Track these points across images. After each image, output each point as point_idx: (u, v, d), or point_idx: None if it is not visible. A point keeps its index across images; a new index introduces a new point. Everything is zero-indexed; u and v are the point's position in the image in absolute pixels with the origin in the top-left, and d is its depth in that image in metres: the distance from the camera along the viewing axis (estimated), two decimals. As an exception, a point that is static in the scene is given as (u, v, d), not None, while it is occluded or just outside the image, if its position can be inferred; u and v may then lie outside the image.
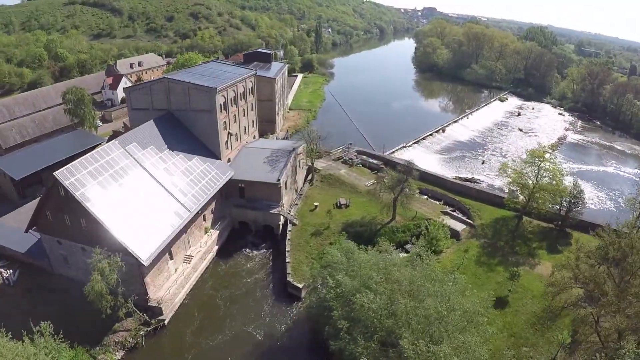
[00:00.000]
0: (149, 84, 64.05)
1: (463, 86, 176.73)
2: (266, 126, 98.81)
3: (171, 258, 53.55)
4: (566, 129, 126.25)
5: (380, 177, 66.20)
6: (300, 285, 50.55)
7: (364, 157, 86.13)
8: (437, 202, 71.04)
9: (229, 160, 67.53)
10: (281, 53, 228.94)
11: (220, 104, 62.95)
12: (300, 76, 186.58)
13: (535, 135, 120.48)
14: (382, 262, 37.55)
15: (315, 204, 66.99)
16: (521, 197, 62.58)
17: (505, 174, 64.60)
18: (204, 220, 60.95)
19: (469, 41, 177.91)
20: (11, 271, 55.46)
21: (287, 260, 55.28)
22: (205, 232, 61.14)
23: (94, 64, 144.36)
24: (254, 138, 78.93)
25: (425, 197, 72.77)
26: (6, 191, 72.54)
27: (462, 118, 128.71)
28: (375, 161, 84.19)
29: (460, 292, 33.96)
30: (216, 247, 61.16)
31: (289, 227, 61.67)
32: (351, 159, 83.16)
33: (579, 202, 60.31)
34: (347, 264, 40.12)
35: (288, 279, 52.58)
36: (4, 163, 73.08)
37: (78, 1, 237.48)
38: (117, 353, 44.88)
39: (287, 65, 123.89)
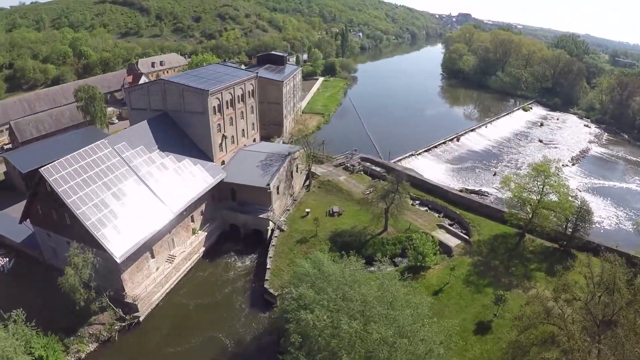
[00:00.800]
0: (146, 85, 65.10)
1: (488, 94, 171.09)
2: (273, 129, 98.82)
3: (152, 257, 53.96)
4: (590, 142, 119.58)
5: (372, 186, 64.36)
6: (276, 293, 49.62)
7: (368, 164, 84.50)
8: (437, 215, 68.49)
9: (223, 163, 67.58)
10: (304, 56, 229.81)
11: (214, 106, 63.07)
12: (320, 79, 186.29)
13: (556, 147, 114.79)
14: (348, 277, 35.99)
15: (307, 210, 65.97)
16: (523, 213, 59.24)
17: (507, 188, 61.36)
18: (192, 221, 61.12)
19: (496, 48, 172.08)
20: (7, 259, 57.76)
21: (268, 267, 54.52)
22: (193, 233, 61.29)
23: (116, 62, 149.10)
24: (254, 141, 78.76)
25: (425, 208, 70.46)
26: (16, 183, 75.53)
27: (479, 127, 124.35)
28: (378, 169, 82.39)
29: (422, 317, 31.73)
30: (203, 249, 61.22)
31: (276, 233, 60.93)
32: (353, 165, 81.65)
33: (586, 221, 56.48)
34: (314, 277, 38.84)
35: (265, 286, 51.80)
36: (15, 156, 76.20)
37: (108, 0, 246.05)
38: (90, 345, 46.11)
39: (300, 68, 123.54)
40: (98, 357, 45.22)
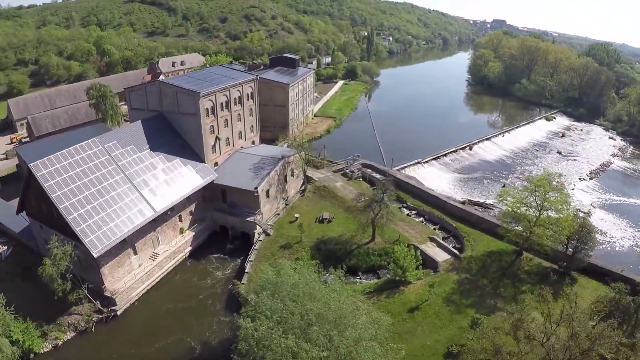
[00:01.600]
0: (144, 85, 66.27)
1: (512, 102, 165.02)
2: (279, 132, 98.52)
3: (135, 253, 54.87)
4: (613, 155, 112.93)
5: (361, 194, 62.90)
6: (249, 298, 49.14)
7: (369, 170, 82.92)
8: (433, 226, 66.12)
9: (216, 164, 67.88)
10: (327, 59, 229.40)
11: (207, 108, 63.48)
12: (340, 83, 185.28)
13: (575, 160, 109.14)
14: (301, 288, 34.97)
15: (296, 215, 65.28)
16: (521, 229, 56.11)
17: (504, 202, 58.36)
18: (180, 220, 61.68)
19: (522, 55, 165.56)
20: (6, 248, 60.24)
21: (246, 271, 54.19)
22: (181, 232, 61.82)
23: (138, 60, 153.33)
24: (253, 143, 78.77)
25: (421, 219, 68.25)
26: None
27: (496, 135, 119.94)
28: (378, 176, 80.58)
29: (366, 339, 30.17)
30: (189, 249, 61.66)
31: (261, 237, 60.56)
32: (352, 171, 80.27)
33: (587, 241, 52.48)
34: (275, 285, 38.06)
35: (239, 290, 51.48)
36: (24, 149, 79.10)
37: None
38: (68, 333, 47.88)
39: (312, 72, 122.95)
40: (74, 345, 46.79)
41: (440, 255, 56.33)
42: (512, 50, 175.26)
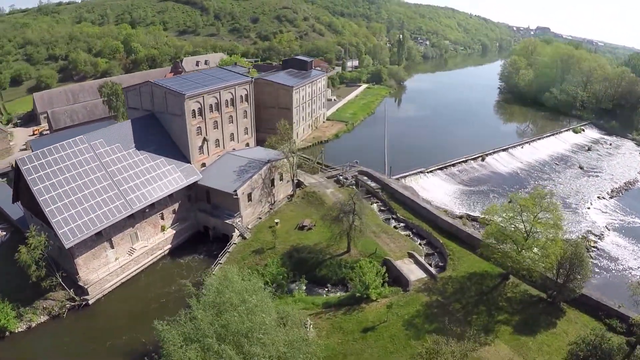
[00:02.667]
0: (138, 86, 67.96)
1: (542, 112, 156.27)
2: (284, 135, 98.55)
3: (112, 247, 56.51)
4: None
5: (338, 202, 61.26)
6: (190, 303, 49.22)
7: (365, 178, 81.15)
8: (420, 241, 63.49)
9: (204, 165, 68.66)
10: (355, 62, 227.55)
11: (193, 110, 64.26)
12: (363, 87, 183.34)
13: (597, 176, 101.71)
14: (235, 301, 34.39)
15: (276, 220, 64.76)
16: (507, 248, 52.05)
17: (489, 221, 54.64)
18: (162, 218, 62.82)
19: (555, 63, 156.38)
20: (5, 234, 63.86)
21: (213, 273, 54.18)
22: (162, 230, 62.94)
23: (163, 59, 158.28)
24: (247, 145, 79.03)
25: (408, 232, 65.75)
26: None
27: (514, 146, 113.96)
28: (373, 184, 78.84)
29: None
30: (169, 246, 62.72)
31: (237, 240, 60.57)
32: (346, 178, 78.78)
33: (578, 271, 46.69)
34: (216, 293, 37.77)
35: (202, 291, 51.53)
36: (36, 142, 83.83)
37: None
38: (42, 317, 50.61)
39: (325, 75, 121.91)
40: (45, 328, 49.56)
41: (414, 274, 53.64)
42: (545, 57, 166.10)
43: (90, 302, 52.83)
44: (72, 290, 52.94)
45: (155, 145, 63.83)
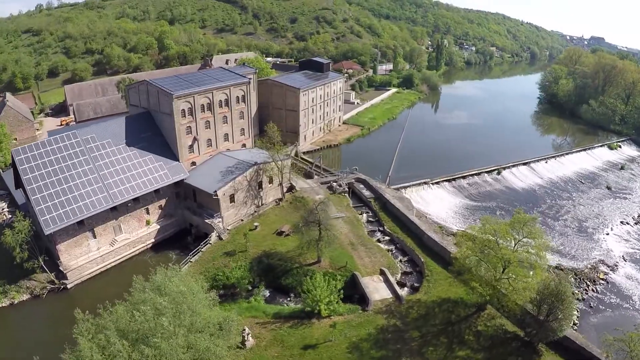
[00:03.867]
0: (137, 84, 70.03)
1: (579, 125, 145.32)
2: (291, 137, 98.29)
3: (94, 237, 58.54)
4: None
5: (310, 210, 59.59)
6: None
7: (362, 186, 78.87)
8: (402, 257, 60.19)
9: (194, 164, 69.60)
10: (388, 66, 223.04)
11: (183, 109, 65.22)
12: (392, 91, 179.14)
13: (625, 198, 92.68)
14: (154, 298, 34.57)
15: (256, 224, 64.40)
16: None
17: (463, 245, 49.49)
18: (148, 213, 64.33)
19: (596, 73, 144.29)
20: (10, 216, 68.35)
21: (181, 271, 54.69)
22: (148, 224, 64.49)
23: (195, 56, 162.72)
24: (244, 146, 79.23)
25: (392, 247, 62.82)
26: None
27: (536, 161, 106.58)
28: (367, 193, 76.41)
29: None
30: (152, 241, 64.14)
31: (212, 240, 60.83)
32: (340, 185, 76.96)
33: (558, 311, 41.14)
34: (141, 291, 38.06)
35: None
36: (52, 133, 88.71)
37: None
38: (24, 295, 53.84)
39: (343, 77, 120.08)
40: (25, 306, 52.69)
41: (380, 293, 50.85)
42: (587, 67, 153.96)
43: (68, 286, 55.33)
44: (53, 274, 55.62)
45: (146, 142, 65.47)
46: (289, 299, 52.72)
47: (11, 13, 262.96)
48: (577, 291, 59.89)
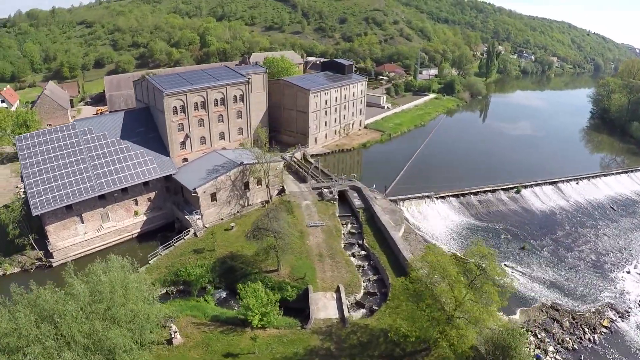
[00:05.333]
0: (141, 80, 72.35)
1: (630, 145, 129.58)
2: (300, 138, 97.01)
3: (82, 222, 61.40)
4: None
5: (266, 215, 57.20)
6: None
7: (355, 194, 75.60)
8: (373, 276, 56.22)
9: (186, 160, 70.69)
10: (434, 70, 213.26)
11: (176, 107, 66.25)
12: (430, 96, 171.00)
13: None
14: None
15: (232, 224, 63.94)
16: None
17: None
18: (136, 204, 66.34)
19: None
20: (23, 197, 73.98)
21: (149, 262, 56.08)
22: (136, 214, 66.58)
23: (234, 53, 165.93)
24: (241, 145, 79.12)
25: (367, 263, 59.24)
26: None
27: (565, 181, 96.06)
28: (357, 202, 73.10)
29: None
30: (138, 231, 66.09)
31: (188, 236, 61.33)
32: (331, 192, 74.28)
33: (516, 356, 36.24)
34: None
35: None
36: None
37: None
38: (15, 268, 57.97)
39: (365, 81, 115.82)
40: (15, 277, 55.58)
41: (326, 312, 47.69)
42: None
43: (54, 264, 58.34)
44: (42, 252, 59.30)
45: (140, 136, 67.49)
46: (241, 303, 51.59)
47: (72, 4, 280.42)
48: (568, 338, 52.79)
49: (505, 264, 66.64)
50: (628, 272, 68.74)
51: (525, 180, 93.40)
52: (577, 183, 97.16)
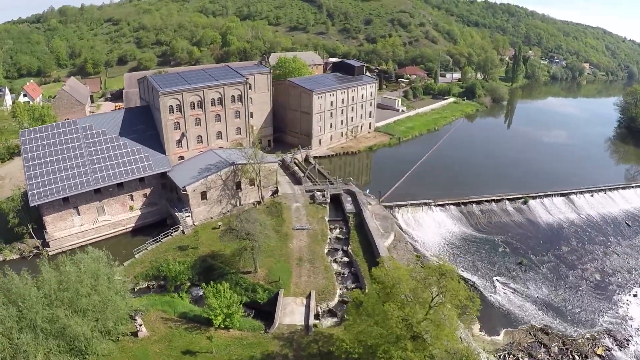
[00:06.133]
0: (144, 79, 73.41)
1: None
2: (304, 139, 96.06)
3: (78, 214, 63.08)
4: None
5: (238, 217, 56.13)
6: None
7: (349, 199, 73.89)
8: (353, 285, 54.36)
9: (182, 158, 71.28)
10: (456, 74, 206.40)
11: (172, 105, 66.79)
12: (449, 100, 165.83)
13: (680, 251, 74.16)
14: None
15: (219, 223, 63.83)
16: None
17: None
18: (132, 199, 67.49)
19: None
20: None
21: (135, 256, 56.77)
22: (131, 209, 67.77)
23: (254, 53, 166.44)
24: (240, 145, 78.88)
25: (347, 271, 57.44)
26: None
27: (579, 192, 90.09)
28: (350, 207, 71.33)
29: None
30: (132, 225, 67.25)
31: (176, 234, 61.76)
32: (324, 195, 72.79)
33: None
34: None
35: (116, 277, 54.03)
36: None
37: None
38: (15, 255, 60.29)
39: (375, 83, 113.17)
40: (13, 263, 58.15)
41: (293, 317, 46.39)
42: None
43: (50, 253, 59.87)
44: (40, 241, 61.39)
45: (139, 134, 68.61)
46: (206, 302, 51.33)
47: (103, 2, 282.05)
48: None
49: (497, 279, 63.16)
50: (635, 296, 63.37)
51: (536, 191, 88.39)
52: (592, 195, 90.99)
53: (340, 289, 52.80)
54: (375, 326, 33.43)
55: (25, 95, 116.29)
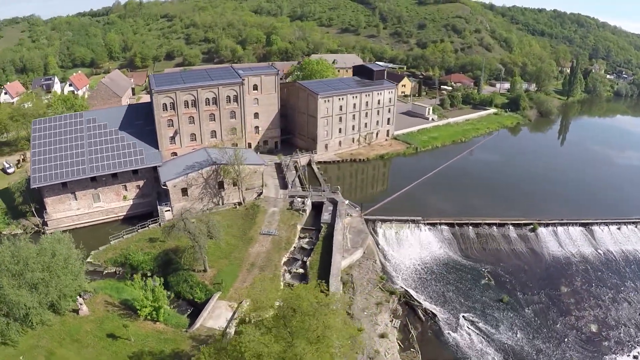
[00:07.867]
0: (152, 76, 75.46)
1: None
2: (310, 143, 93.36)
3: (75, 199, 66.90)
4: None
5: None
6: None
7: (330, 208, 69.73)
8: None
9: (175, 154, 72.41)
10: (505, 85, 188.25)
11: (165, 103, 67.85)
12: (489, 111, 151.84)
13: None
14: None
15: (193, 220, 63.10)
16: None
17: None
18: (126, 189, 70.05)
19: None
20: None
21: (110, 242, 58.94)
22: (124, 199, 70.43)
23: (296, 53, 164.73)
24: (235, 145, 78.40)
25: (297, 283, 54.05)
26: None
27: (602, 224, 76.67)
28: (326, 216, 67.13)
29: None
30: (124, 214, 69.90)
31: (152, 226, 62.92)
32: (304, 202, 69.52)
33: None
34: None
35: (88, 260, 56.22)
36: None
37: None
38: (19, 230, 64.76)
39: (395, 89, 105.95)
40: (18, 237, 61.72)
41: (214, 321, 44.65)
42: None
43: (47, 232, 64.31)
44: (40, 220, 66.07)
45: (137, 128, 70.90)
46: (168, 293, 51.33)
47: None
48: None
49: (464, 316, 55.29)
50: (635, 358, 52.01)
51: (551, 217, 76.68)
52: (619, 228, 77.23)
53: (279, 302, 49.79)
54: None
55: (70, 85, 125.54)
